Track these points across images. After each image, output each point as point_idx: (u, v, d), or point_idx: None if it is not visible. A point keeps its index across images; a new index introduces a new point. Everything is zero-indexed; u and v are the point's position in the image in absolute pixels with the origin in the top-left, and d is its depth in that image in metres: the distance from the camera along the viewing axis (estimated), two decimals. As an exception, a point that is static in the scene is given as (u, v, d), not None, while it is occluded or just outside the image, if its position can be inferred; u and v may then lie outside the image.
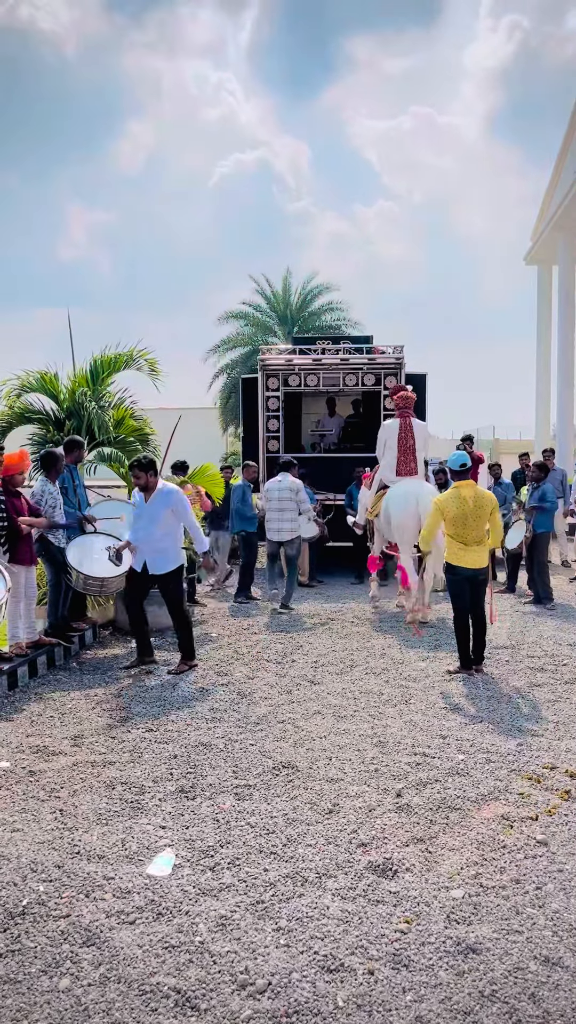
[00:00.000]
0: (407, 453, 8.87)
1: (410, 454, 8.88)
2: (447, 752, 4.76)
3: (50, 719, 5.45)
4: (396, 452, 8.88)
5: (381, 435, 9.22)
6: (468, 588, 6.41)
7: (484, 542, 6.44)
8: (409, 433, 8.91)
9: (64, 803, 4.08)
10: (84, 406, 8.64)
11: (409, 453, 8.88)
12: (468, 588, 6.41)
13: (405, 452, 8.87)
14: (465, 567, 6.38)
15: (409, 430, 8.93)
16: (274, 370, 12.38)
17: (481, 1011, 2.52)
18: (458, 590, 6.48)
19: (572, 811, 3.96)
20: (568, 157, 24.09)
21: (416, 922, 3.01)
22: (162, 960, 2.78)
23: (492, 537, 6.52)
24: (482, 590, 6.49)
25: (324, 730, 5.15)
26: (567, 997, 2.59)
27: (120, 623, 8.34)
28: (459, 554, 6.41)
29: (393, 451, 8.92)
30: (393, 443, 8.92)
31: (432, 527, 6.65)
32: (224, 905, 3.12)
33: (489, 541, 6.47)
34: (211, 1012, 2.52)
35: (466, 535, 6.36)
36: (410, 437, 8.90)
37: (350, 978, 2.68)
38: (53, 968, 2.75)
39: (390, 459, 8.97)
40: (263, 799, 4.11)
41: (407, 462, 8.89)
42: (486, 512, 6.38)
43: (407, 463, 8.91)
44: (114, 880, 3.31)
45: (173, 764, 4.59)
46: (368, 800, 4.08)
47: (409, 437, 8.89)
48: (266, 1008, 2.53)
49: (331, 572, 11.97)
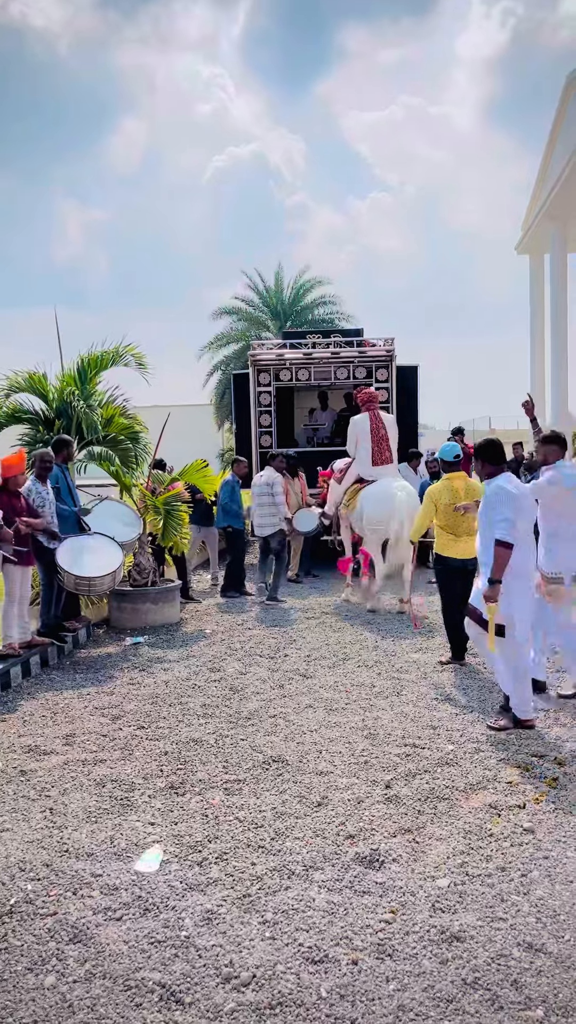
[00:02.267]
0: (381, 443, 8.94)
1: (384, 444, 8.95)
2: (437, 743, 4.77)
3: (42, 718, 5.47)
4: (370, 444, 8.94)
5: (351, 431, 9.26)
6: (459, 578, 6.43)
7: (474, 533, 6.46)
8: (380, 425, 9.00)
9: (54, 802, 4.10)
10: (73, 405, 8.64)
11: (383, 443, 8.95)
12: (459, 578, 6.43)
13: (379, 442, 8.93)
14: (455, 557, 6.40)
15: (380, 422, 9.02)
16: (265, 365, 12.37)
17: (463, 998, 2.54)
18: (447, 580, 6.51)
19: (559, 799, 3.98)
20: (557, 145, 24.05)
21: (401, 912, 3.02)
22: (147, 955, 2.80)
23: None
24: (471, 580, 6.51)
25: (315, 723, 5.16)
26: (549, 983, 2.61)
27: (114, 621, 8.36)
28: (449, 545, 6.43)
29: (367, 444, 8.97)
30: (366, 436, 8.98)
31: (425, 517, 6.68)
32: (210, 899, 3.14)
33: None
34: (195, 1006, 2.54)
35: (457, 526, 6.38)
36: (381, 428, 8.99)
37: (334, 969, 2.70)
38: (39, 965, 2.76)
39: (364, 452, 9.02)
40: (252, 793, 4.12)
41: (382, 452, 8.96)
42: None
43: (382, 453, 8.97)
44: (102, 877, 3.33)
45: (163, 761, 4.61)
46: (357, 792, 4.09)
47: (380, 428, 8.99)
48: (250, 1000, 2.55)
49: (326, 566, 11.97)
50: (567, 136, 22.76)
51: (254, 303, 28.12)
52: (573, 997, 2.54)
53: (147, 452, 9.37)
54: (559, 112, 23.54)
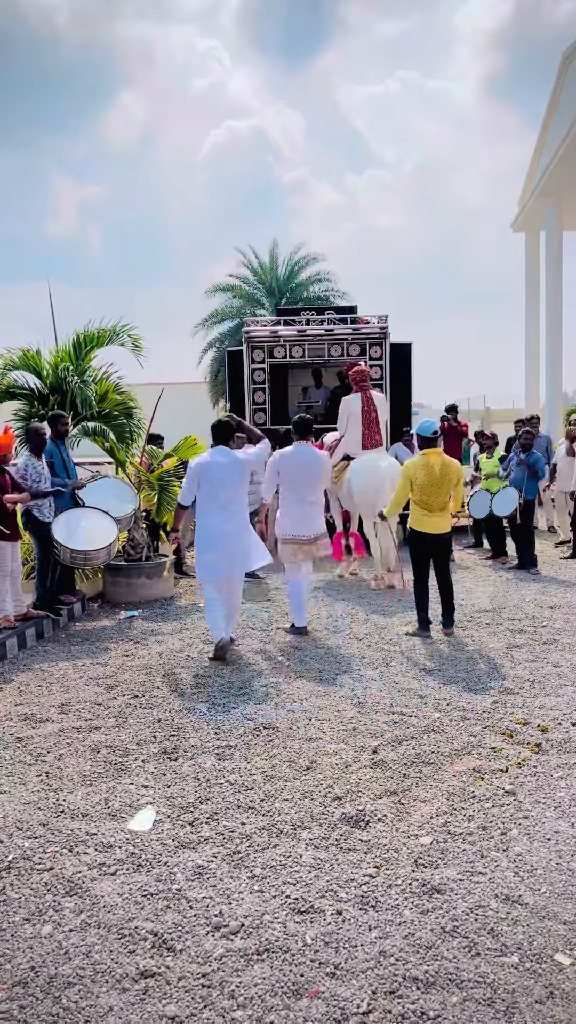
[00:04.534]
0: (371, 426, 8.96)
1: (374, 426, 8.98)
2: (424, 711, 4.89)
3: (38, 688, 5.57)
4: (361, 426, 8.96)
5: (343, 410, 9.27)
6: (432, 552, 6.59)
7: (447, 508, 6.62)
8: (371, 406, 9.00)
9: (50, 766, 4.21)
10: (67, 381, 8.67)
11: (374, 426, 8.97)
12: (432, 552, 6.59)
13: (369, 425, 8.95)
14: (429, 532, 6.56)
15: (371, 403, 9.02)
16: (259, 342, 12.39)
17: (442, 945, 2.66)
18: (420, 555, 6.66)
19: (541, 763, 4.10)
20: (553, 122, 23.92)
21: (385, 867, 3.14)
22: (141, 907, 2.91)
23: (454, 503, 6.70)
24: (446, 554, 6.69)
25: (305, 693, 5.27)
26: (524, 931, 2.73)
27: (109, 596, 8.46)
28: (423, 520, 6.58)
29: (358, 425, 8.99)
30: (357, 418, 8.99)
31: (401, 493, 6.79)
32: (201, 856, 3.25)
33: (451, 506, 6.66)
34: (186, 952, 2.66)
35: (431, 502, 6.52)
36: (373, 410, 8.99)
37: (319, 918, 2.82)
38: (36, 916, 2.88)
39: (355, 433, 9.04)
40: (243, 758, 4.24)
41: (372, 435, 8.97)
42: (452, 481, 6.56)
43: (372, 436, 8.99)
44: (96, 836, 3.44)
45: (157, 728, 4.72)
46: (345, 757, 4.21)
47: (372, 410, 8.99)
48: (238, 947, 2.67)
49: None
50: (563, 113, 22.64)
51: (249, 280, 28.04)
52: (547, 944, 2.67)
53: (141, 428, 9.41)
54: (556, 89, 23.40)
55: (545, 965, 2.56)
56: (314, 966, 2.57)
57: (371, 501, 8.57)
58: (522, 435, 10.16)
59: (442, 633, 6.70)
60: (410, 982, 2.48)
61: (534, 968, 2.55)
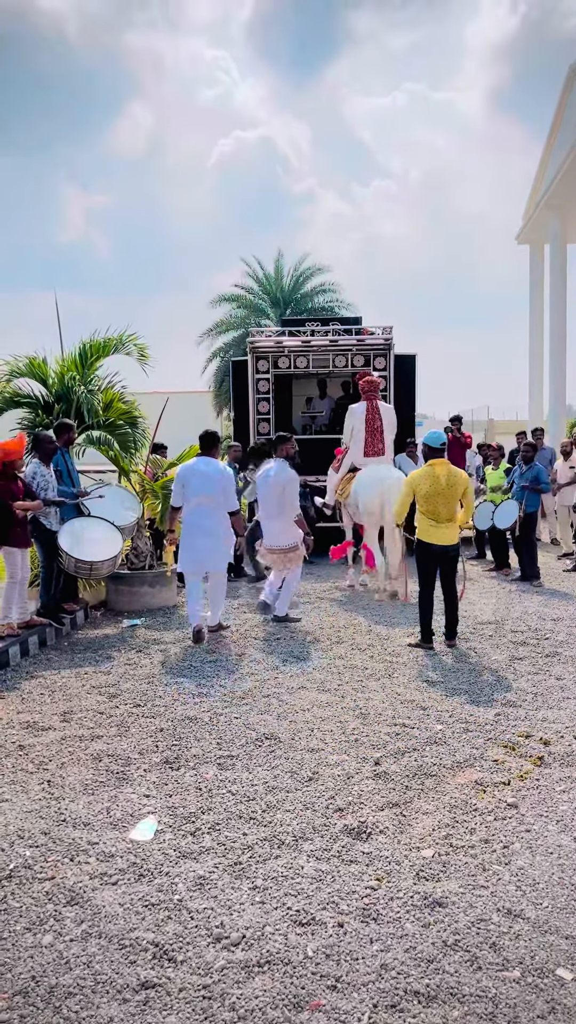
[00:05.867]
0: (374, 435, 9.01)
1: (377, 435, 9.03)
2: (426, 722, 4.89)
3: (40, 696, 5.57)
4: (363, 435, 9.02)
5: (348, 420, 9.32)
6: (439, 564, 6.58)
7: (455, 519, 6.61)
8: (376, 415, 9.05)
9: (52, 775, 4.21)
10: (73, 390, 8.71)
11: (376, 434, 9.02)
12: (439, 564, 6.58)
13: (372, 433, 9.00)
14: (436, 543, 6.55)
15: (376, 412, 9.08)
16: (264, 352, 12.42)
17: (444, 959, 2.65)
18: (427, 567, 6.65)
19: (544, 776, 4.09)
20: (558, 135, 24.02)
21: (386, 879, 3.14)
22: (142, 917, 2.91)
23: (464, 514, 6.68)
24: (453, 566, 6.66)
25: (308, 703, 5.27)
26: (526, 945, 2.72)
27: (112, 604, 8.46)
28: (430, 531, 6.58)
29: (361, 434, 9.05)
30: (361, 426, 9.05)
31: (403, 503, 6.81)
32: (203, 866, 3.25)
33: (460, 518, 6.64)
34: (187, 963, 2.65)
35: (438, 512, 6.51)
36: (377, 419, 9.05)
37: (320, 931, 2.81)
38: (37, 925, 2.88)
39: (358, 442, 9.10)
40: (245, 768, 4.23)
41: (374, 443, 9.03)
42: (458, 491, 6.54)
43: (374, 444, 9.05)
44: (98, 845, 3.44)
45: (159, 737, 4.72)
46: (347, 768, 4.20)
47: (376, 419, 9.04)
48: (239, 959, 2.66)
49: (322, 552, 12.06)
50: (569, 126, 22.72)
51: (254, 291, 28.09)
52: (549, 959, 2.66)
53: (145, 437, 9.45)
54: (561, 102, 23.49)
55: (547, 980, 2.56)
56: (315, 979, 2.56)
57: (377, 513, 8.60)
58: (523, 448, 10.17)
59: (444, 645, 6.69)
60: (411, 996, 2.47)
61: (536, 983, 2.54)
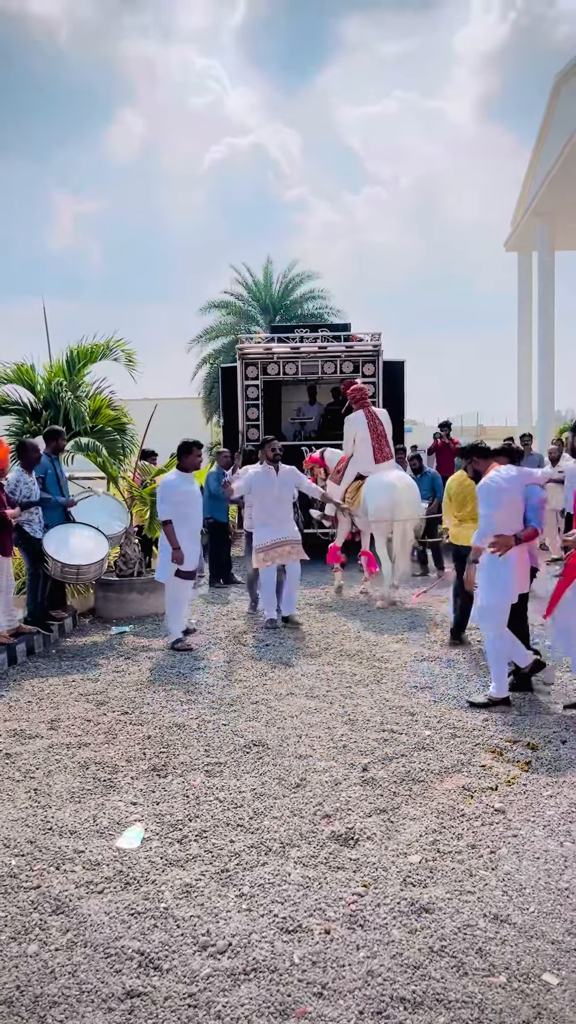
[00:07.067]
0: (380, 440, 9.02)
1: (383, 440, 9.04)
2: (414, 728, 4.89)
3: (28, 704, 5.55)
4: (370, 441, 9.01)
5: (349, 429, 9.31)
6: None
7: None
8: (376, 421, 9.08)
9: (39, 783, 4.18)
10: (60, 396, 8.69)
11: (382, 440, 9.04)
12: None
13: (378, 439, 9.01)
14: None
15: (375, 418, 9.10)
16: (253, 359, 12.45)
17: (430, 965, 2.65)
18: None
19: (531, 781, 4.10)
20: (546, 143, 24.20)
21: (373, 886, 3.13)
22: (128, 925, 2.90)
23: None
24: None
25: (296, 710, 5.27)
26: (513, 951, 2.73)
27: (100, 611, 8.44)
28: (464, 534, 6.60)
29: (367, 441, 9.03)
30: (365, 434, 9.04)
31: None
32: (189, 874, 3.24)
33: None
34: (173, 972, 2.64)
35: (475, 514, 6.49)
36: (379, 424, 9.07)
37: (307, 938, 2.80)
38: (22, 935, 2.86)
39: (364, 450, 9.08)
40: (233, 775, 4.23)
41: (382, 448, 9.04)
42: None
43: (382, 449, 9.06)
44: (84, 853, 3.42)
45: (146, 744, 4.70)
46: (335, 775, 4.20)
47: (378, 424, 9.07)
48: (225, 966, 2.65)
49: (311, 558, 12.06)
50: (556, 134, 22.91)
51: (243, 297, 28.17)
52: (535, 964, 2.66)
53: (134, 443, 9.44)
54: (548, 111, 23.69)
55: (533, 985, 2.56)
56: (301, 986, 2.55)
57: (388, 519, 8.57)
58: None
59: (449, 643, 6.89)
60: (397, 1002, 2.47)
61: (522, 988, 2.54)
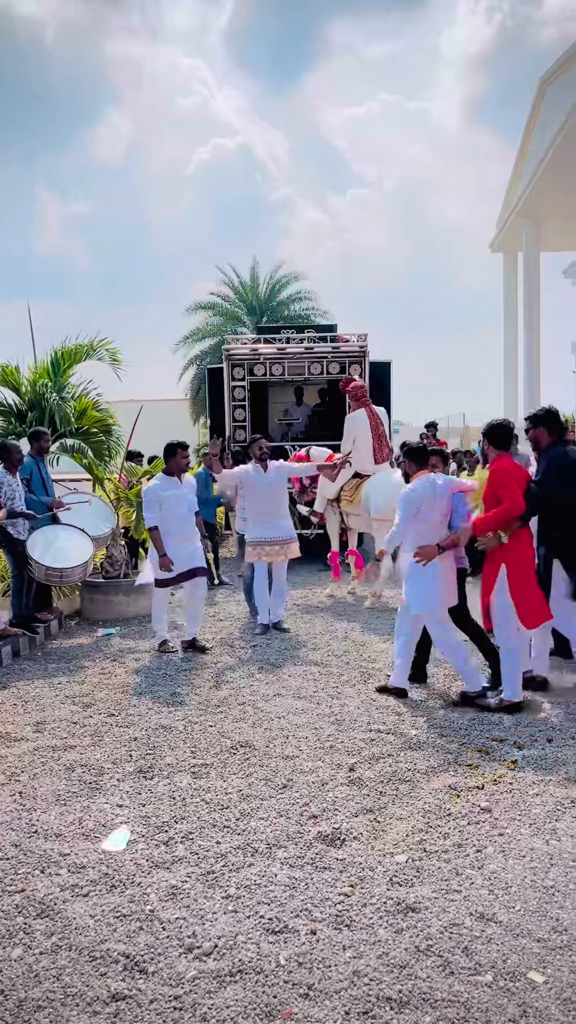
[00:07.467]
0: (380, 439, 9.02)
1: (383, 440, 9.04)
2: (401, 728, 4.89)
3: (13, 707, 5.51)
4: (371, 441, 8.98)
5: (349, 428, 9.27)
6: None
7: None
8: (377, 420, 9.06)
9: (24, 786, 4.16)
10: (46, 398, 8.65)
11: (382, 439, 9.03)
12: None
13: (379, 439, 9.01)
14: None
15: (376, 417, 9.08)
16: (239, 360, 12.43)
17: (416, 964, 2.65)
18: None
19: (517, 779, 4.11)
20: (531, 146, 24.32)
21: (360, 886, 3.13)
22: (113, 928, 2.88)
23: None
24: None
25: (283, 710, 5.26)
26: (499, 949, 2.73)
27: (86, 613, 8.40)
28: None
29: (368, 441, 9.00)
30: (366, 433, 9.00)
31: None
32: (175, 876, 3.23)
33: None
34: (158, 974, 2.63)
35: None
36: (380, 424, 9.06)
37: (293, 939, 2.80)
38: (6, 939, 2.84)
39: (365, 449, 9.05)
40: (219, 777, 4.21)
41: (382, 449, 9.03)
42: None
43: (382, 449, 9.05)
44: (69, 856, 3.41)
45: (133, 746, 4.68)
46: (321, 775, 4.19)
47: (379, 424, 9.05)
48: (211, 968, 2.64)
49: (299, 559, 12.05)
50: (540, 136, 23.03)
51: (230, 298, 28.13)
52: (521, 963, 2.66)
53: (120, 445, 9.41)
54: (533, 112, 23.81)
55: (519, 983, 2.56)
56: (287, 987, 2.55)
57: (389, 518, 8.53)
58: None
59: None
60: (383, 1002, 2.46)
61: (508, 986, 2.54)
